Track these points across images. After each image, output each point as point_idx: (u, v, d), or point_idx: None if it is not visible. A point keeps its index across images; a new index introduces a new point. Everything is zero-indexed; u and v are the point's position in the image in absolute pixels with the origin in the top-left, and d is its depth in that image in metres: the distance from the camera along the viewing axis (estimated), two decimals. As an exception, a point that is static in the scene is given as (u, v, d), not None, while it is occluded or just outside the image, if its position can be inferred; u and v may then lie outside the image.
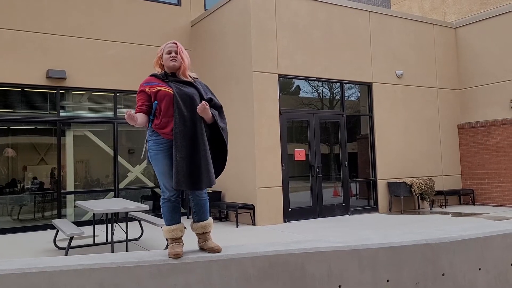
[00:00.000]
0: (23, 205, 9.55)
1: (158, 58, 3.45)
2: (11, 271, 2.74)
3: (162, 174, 3.31)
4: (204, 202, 3.41)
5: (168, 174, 3.29)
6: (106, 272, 2.88)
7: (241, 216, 9.25)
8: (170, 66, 3.39)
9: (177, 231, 3.30)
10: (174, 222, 3.33)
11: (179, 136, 3.22)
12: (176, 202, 3.36)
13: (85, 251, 6.88)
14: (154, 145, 3.31)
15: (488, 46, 11.72)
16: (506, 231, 3.99)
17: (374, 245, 3.47)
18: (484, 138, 11.71)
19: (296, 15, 9.89)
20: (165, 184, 3.32)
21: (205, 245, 3.31)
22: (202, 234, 3.37)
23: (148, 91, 3.36)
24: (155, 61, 3.46)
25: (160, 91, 3.32)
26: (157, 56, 3.47)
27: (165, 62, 3.41)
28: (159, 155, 3.30)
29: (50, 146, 9.87)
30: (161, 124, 3.29)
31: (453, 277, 3.62)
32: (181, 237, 3.31)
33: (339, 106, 10.68)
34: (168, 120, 3.29)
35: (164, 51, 3.42)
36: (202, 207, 3.40)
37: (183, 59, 3.39)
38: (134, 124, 3.20)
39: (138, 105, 3.39)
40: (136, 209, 6.61)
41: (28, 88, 9.60)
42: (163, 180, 3.32)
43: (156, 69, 3.48)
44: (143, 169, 10.88)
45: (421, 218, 9.76)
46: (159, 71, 3.45)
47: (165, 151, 3.29)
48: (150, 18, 10.90)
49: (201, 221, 3.38)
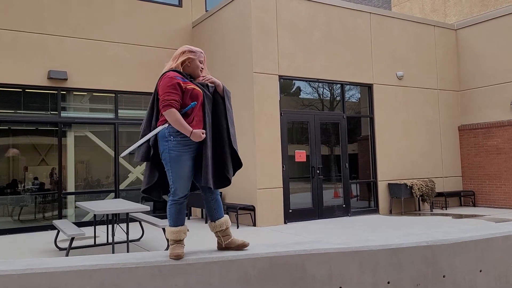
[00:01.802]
0: (24, 206, 9.56)
1: (187, 58, 3.39)
2: (12, 271, 2.75)
3: (181, 176, 3.23)
4: (219, 199, 3.47)
5: (188, 177, 3.26)
6: (107, 272, 2.88)
7: (241, 217, 9.25)
8: (196, 74, 3.41)
9: (181, 233, 3.28)
10: (179, 224, 3.31)
11: (208, 136, 3.26)
12: (184, 204, 3.33)
13: (86, 252, 6.88)
14: (179, 146, 3.21)
15: (488, 47, 11.73)
16: (506, 233, 3.99)
17: (374, 246, 3.47)
18: (484, 139, 11.71)
19: (297, 16, 9.90)
20: (180, 186, 3.24)
21: (233, 243, 3.35)
22: (226, 229, 3.40)
23: (183, 86, 3.26)
24: (177, 57, 3.39)
25: (195, 90, 3.30)
26: (185, 55, 3.39)
27: (193, 67, 3.39)
28: (184, 157, 3.22)
29: (51, 146, 9.88)
30: (193, 124, 3.24)
31: (453, 278, 3.62)
32: (183, 239, 3.32)
33: (339, 107, 10.69)
34: (199, 120, 3.29)
35: (197, 57, 3.42)
36: (220, 203, 3.47)
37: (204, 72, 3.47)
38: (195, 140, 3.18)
39: (174, 99, 3.19)
40: (137, 210, 6.61)
41: (29, 89, 9.62)
42: (180, 182, 3.23)
43: (172, 64, 3.40)
44: (143, 170, 10.87)
45: (422, 220, 9.76)
46: (175, 67, 3.37)
47: (190, 153, 3.26)
48: (151, 19, 10.92)
49: (222, 217, 3.43)
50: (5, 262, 2.96)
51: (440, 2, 15.85)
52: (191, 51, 3.43)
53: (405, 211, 10.90)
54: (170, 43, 11.08)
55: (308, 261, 3.29)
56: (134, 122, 10.74)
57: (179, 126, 3.16)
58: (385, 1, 19.61)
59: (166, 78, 3.27)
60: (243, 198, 9.39)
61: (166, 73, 3.32)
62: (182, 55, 3.40)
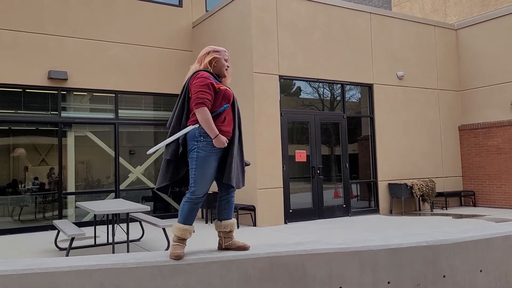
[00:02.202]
0: (24, 206, 9.57)
1: (213, 58, 3.44)
2: (12, 271, 2.75)
3: (205, 176, 3.27)
4: (233, 201, 3.53)
5: (210, 178, 3.32)
6: (107, 273, 2.88)
7: (241, 217, 9.25)
8: (222, 73, 3.49)
9: (186, 232, 3.30)
10: (188, 223, 3.33)
11: (235, 136, 3.37)
12: (199, 205, 3.35)
13: (86, 252, 6.89)
14: (208, 147, 3.25)
15: (489, 47, 11.73)
16: (507, 233, 3.99)
17: (374, 246, 3.47)
18: (485, 139, 11.70)
19: (297, 16, 9.90)
20: (201, 186, 3.28)
21: (234, 244, 3.40)
22: (229, 232, 3.44)
23: (216, 86, 3.32)
24: (203, 57, 3.45)
25: (227, 91, 3.39)
26: (210, 55, 3.45)
27: (220, 66, 3.47)
28: (211, 157, 3.28)
29: (51, 146, 9.88)
30: (224, 124, 3.32)
31: (453, 278, 3.62)
32: (186, 239, 3.33)
33: (340, 107, 10.69)
34: (230, 120, 3.38)
35: (223, 56, 3.50)
36: (232, 205, 3.53)
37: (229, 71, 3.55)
38: (218, 146, 3.25)
39: (207, 99, 3.25)
40: (137, 210, 6.61)
41: (29, 89, 9.62)
42: (202, 182, 3.27)
43: (199, 65, 3.45)
44: (144, 170, 10.89)
45: (422, 220, 9.76)
46: (202, 67, 3.43)
47: (217, 153, 3.32)
48: (151, 19, 10.92)
49: (229, 219, 3.49)
50: (5, 262, 2.96)
51: (440, 2, 15.85)
52: (216, 50, 3.49)
53: (405, 211, 10.90)
54: (170, 43, 11.09)
55: (308, 261, 3.29)
56: (134, 122, 10.75)
57: (207, 126, 3.21)
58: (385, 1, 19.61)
59: (200, 77, 3.32)
60: (243, 198, 9.39)
61: (199, 72, 3.36)
62: (207, 55, 3.46)
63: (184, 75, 3.57)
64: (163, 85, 10.81)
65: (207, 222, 9.83)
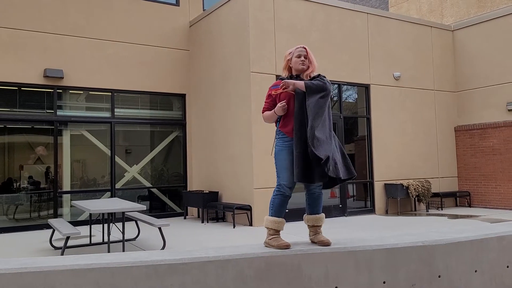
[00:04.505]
0: (19, 205, 9.52)
1: (287, 62, 3.72)
2: (6, 270, 2.73)
3: (285, 168, 3.55)
4: (317, 196, 3.71)
5: (289, 170, 3.53)
6: (102, 272, 2.87)
7: (238, 216, 9.25)
8: (299, 69, 3.67)
9: (281, 224, 3.54)
10: (281, 216, 3.57)
11: (297, 133, 3.48)
12: (287, 199, 3.60)
13: (82, 251, 6.87)
14: (280, 142, 3.61)
15: (485, 48, 11.77)
16: (502, 233, 4.00)
17: (370, 246, 3.48)
18: (480, 140, 11.75)
19: (295, 16, 9.90)
20: (283, 176, 3.55)
21: (316, 238, 3.59)
22: (313, 226, 3.66)
23: (274, 94, 3.67)
24: (284, 66, 3.75)
25: (282, 94, 3.61)
26: (286, 60, 3.74)
27: (294, 65, 3.68)
28: (284, 151, 3.57)
29: (47, 145, 9.84)
30: (284, 123, 3.61)
31: (449, 279, 3.63)
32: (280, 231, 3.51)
33: (336, 108, 10.70)
34: (289, 120, 3.58)
35: (294, 55, 3.69)
36: (315, 200, 3.71)
37: (312, 62, 3.67)
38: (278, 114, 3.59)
39: (265, 107, 3.75)
40: (133, 209, 6.59)
41: (25, 87, 9.58)
42: (284, 175, 3.55)
43: (283, 73, 3.78)
44: (140, 169, 10.86)
45: (418, 220, 9.78)
46: (286, 75, 3.75)
47: (289, 148, 3.55)
48: (148, 17, 10.89)
49: (313, 214, 3.69)
50: (0, 261, 2.94)
51: (437, 3, 15.89)
52: (288, 53, 3.75)
53: (401, 211, 10.93)
54: (167, 42, 11.06)
55: (304, 261, 3.29)
56: (131, 121, 10.72)
57: (270, 118, 3.69)
58: (383, 1, 19.64)
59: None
60: (240, 197, 9.39)
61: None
62: (284, 61, 3.76)
63: (181, 74, 3.64)
64: (159, 84, 10.78)
65: (203, 222, 9.82)
